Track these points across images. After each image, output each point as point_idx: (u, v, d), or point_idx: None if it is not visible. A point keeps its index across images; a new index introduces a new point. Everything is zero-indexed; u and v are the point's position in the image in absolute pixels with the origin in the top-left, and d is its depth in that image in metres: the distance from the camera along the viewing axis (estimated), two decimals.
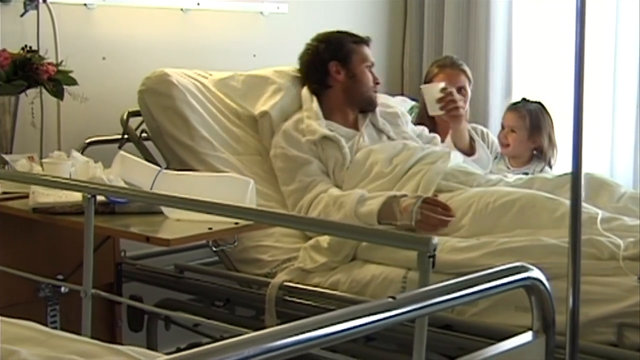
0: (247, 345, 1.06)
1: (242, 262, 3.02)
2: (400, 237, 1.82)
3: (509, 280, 1.32)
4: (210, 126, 3.26)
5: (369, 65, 3.38)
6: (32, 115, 3.15)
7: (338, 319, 1.19)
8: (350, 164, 3.14)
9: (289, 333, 1.10)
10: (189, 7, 3.84)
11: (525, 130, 3.74)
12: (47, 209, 2.47)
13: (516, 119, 3.77)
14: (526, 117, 3.76)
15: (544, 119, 3.80)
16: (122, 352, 1.73)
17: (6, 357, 1.68)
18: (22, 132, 3.21)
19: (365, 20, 4.56)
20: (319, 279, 2.84)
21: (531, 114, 3.78)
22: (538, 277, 1.39)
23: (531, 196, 2.80)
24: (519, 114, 3.78)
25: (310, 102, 3.31)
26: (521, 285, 1.35)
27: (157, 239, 2.23)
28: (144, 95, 3.27)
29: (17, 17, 3.31)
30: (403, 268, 2.69)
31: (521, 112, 3.78)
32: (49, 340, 1.82)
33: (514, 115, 3.80)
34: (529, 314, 2.43)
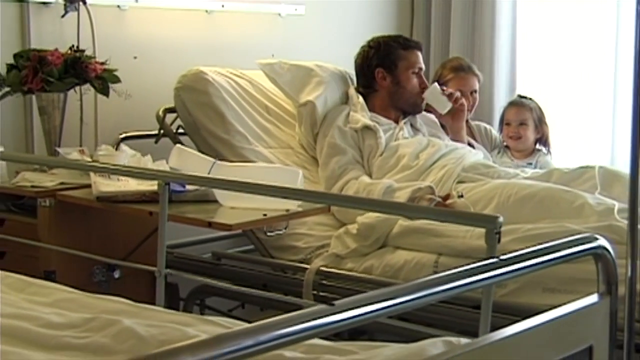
0: (316, 314, 1.11)
1: (277, 249, 3.21)
2: (470, 216, 2.02)
3: (580, 249, 1.51)
4: (243, 121, 3.46)
5: (415, 72, 3.58)
6: (81, 111, 3.31)
7: (416, 288, 1.27)
8: (384, 151, 3.34)
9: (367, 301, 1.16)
10: (213, 9, 4.02)
11: (533, 122, 3.94)
12: (110, 197, 2.65)
13: (524, 113, 3.95)
14: (532, 109, 3.96)
15: (543, 112, 4.01)
16: (212, 321, 1.92)
17: (110, 325, 1.87)
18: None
19: (374, 21, 4.75)
20: (352, 264, 3.03)
21: (535, 107, 3.98)
22: (605, 245, 1.57)
23: (550, 189, 3.01)
24: (526, 108, 3.97)
25: (356, 98, 3.56)
26: (590, 253, 1.53)
27: (218, 224, 2.42)
28: (180, 92, 3.45)
29: (57, 18, 3.48)
30: (434, 254, 2.89)
31: (527, 106, 3.98)
32: (141, 312, 2.00)
33: (521, 110, 3.98)
34: (556, 294, 2.65)
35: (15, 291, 2.20)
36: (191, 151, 2.82)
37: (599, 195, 2.98)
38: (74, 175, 2.97)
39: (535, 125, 3.95)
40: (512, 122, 3.97)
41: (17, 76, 3.03)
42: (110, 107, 3.52)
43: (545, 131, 3.97)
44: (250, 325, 1.04)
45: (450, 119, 3.73)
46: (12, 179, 2.99)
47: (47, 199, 2.81)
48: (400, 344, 1.67)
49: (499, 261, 1.36)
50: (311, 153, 3.57)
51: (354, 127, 3.45)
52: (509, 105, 4.06)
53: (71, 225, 2.86)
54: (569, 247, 1.50)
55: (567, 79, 4.52)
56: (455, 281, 1.27)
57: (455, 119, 3.73)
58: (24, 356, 1.74)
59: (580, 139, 4.47)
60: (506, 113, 4.03)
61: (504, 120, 4.01)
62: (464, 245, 2.81)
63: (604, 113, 4.37)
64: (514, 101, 4.08)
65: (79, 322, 1.91)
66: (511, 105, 4.05)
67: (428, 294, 1.22)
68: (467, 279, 1.28)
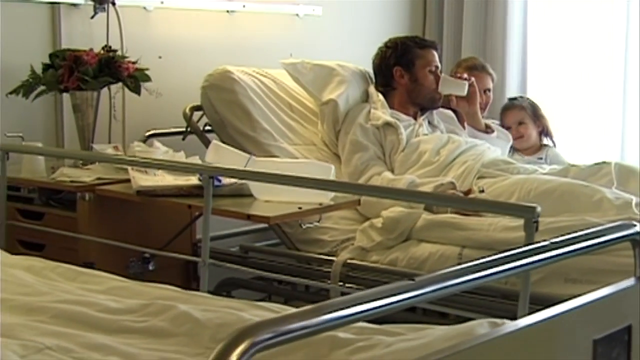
0: (401, 289, 1.21)
1: (304, 243, 3.31)
2: (509, 206, 2.13)
3: (618, 236, 1.61)
4: (269, 118, 3.57)
5: (432, 70, 3.70)
6: (113, 109, 3.42)
7: (467, 270, 1.37)
8: (405, 147, 3.46)
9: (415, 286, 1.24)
10: (234, 9, 4.13)
11: (530, 118, 4.05)
12: (149, 191, 2.75)
13: (519, 113, 4.08)
14: (525, 108, 4.08)
15: (536, 105, 4.12)
16: (262, 306, 2.02)
17: (166, 310, 1.98)
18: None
19: (388, 21, 4.86)
20: (377, 257, 3.14)
21: (527, 104, 4.09)
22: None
23: (569, 184, 3.12)
24: (519, 107, 4.10)
25: (376, 96, 3.68)
26: (629, 239, 1.64)
27: (257, 216, 2.52)
28: (207, 90, 3.56)
29: (86, 19, 3.59)
30: (457, 246, 3.00)
31: (520, 106, 4.10)
32: (191, 299, 2.11)
33: (515, 111, 4.10)
34: (577, 285, 2.76)
35: (67, 280, 2.31)
36: (227, 147, 2.93)
37: (615, 190, 3.09)
38: (109, 170, 3.08)
39: (533, 121, 4.07)
40: (511, 124, 4.06)
41: (53, 75, 3.13)
42: (135, 105, 3.62)
43: (544, 123, 4.09)
44: (344, 297, 1.14)
45: (467, 105, 3.83)
46: (48, 175, 3.09)
47: (86, 194, 2.91)
48: (446, 326, 1.77)
49: (549, 244, 1.46)
50: (333, 150, 3.68)
51: (375, 123, 3.56)
52: (503, 111, 4.16)
53: (109, 219, 2.97)
54: (609, 234, 1.60)
55: (578, 77, 4.64)
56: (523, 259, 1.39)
57: (470, 103, 3.83)
58: (90, 339, 1.85)
59: (590, 136, 4.58)
60: (503, 119, 4.13)
61: (503, 126, 4.08)
62: (488, 237, 2.92)
63: (614, 110, 4.48)
64: (506, 106, 4.18)
65: (136, 307, 2.02)
66: (505, 111, 4.15)
67: (501, 270, 1.35)
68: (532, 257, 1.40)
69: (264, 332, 1.00)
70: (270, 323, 1.03)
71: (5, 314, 2.02)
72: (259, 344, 0.99)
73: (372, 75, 3.87)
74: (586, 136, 4.59)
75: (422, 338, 1.68)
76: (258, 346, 0.99)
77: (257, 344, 0.98)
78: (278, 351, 1.63)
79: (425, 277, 1.23)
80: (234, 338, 0.97)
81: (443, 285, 1.23)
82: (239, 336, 0.98)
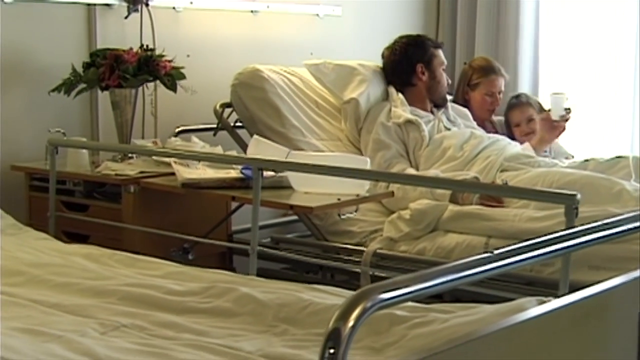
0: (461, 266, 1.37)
1: (333, 234, 3.45)
2: (551, 194, 2.28)
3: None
4: (297, 115, 3.71)
5: (444, 68, 3.85)
6: (152, 106, 3.56)
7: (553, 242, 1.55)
8: (429, 143, 3.60)
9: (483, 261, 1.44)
10: (258, 9, 4.27)
11: (537, 114, 4.15)
12: (194, 184, 2.89)
13: (527, 110, 4.13)
14: (532, 104, 4.18)
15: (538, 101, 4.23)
16: (317, 288, 2.16)
17: (228, 292, 2.12)
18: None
19: (403, 21, 5.00)
20: (405, 247, 3.28)
21: (533, 102, 4.20)
22: None
23: (589, 176, 3.26)
24: (527, 104, 4.16)
25: (396, 94, 3.81)
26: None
27: (300, 206, 2.66)
28: (237, 88, 3.70)
29: (120, 19, 3.73)
30: (484, 236, 3.14)
31: (527, 102, 4.17)
32: (249, 282, 2.25)
33: (524, 108, 4.15)
34: (600, 272, 2.90)
35: (125, 266, 2.44)
36: (268, 141, 3.07)
37: (634, 182, 3.24)
38: (149, 164, 3.22)
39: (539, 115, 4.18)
40: (521, 122, 4.12)
41: (95, 73, 3.27)
42: (164, 102, 3.75)
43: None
44: (440, 267, 1.30)
45: (547, 132, 3.94)
46: (92, 169, 3.23)
47: (131, 186, 3.05)
48: (494, 305, 1.91)
49: (591, 227, 1.61)
50: (357, 146, 3.81)
51: (397, 122, 3.70)
52: (511, 109, 4.20)
53: (151, 211, 3.11)
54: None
55: (589, 76, 4.77)
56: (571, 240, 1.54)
57: (550, 132, 3.93)
58: (160, 318, 1.99)
59: (601, 132, 4.72)
60: (511, 116, 4.17)
61: (510, 124, 4.16)
62: (513, 228, 3.07)
63: (624, 108, 4.62)
64: (513, 103, 4.22)
65: (198, 290, 2.16)
66: (513, 108, 4.19)
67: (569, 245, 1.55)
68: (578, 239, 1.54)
69: (381, 293, 1.14)
70: (386, 286, 1.18)
71: (75, 296, 2.16)
72: (378, 303, 1.13)
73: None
74: (597, 133, 4.73)
75: (475, 314, 1.82)
76: (377, 305, 1.12)
77: (376, 304, 1.12)
78: None
79: (504, 250, 1.38)
80: (356, 297, 1.11)
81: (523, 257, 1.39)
82: (359, 296, 1.12)
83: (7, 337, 1.80)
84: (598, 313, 1.67)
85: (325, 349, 1.08)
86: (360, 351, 1.79)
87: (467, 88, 4.14)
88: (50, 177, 3.04)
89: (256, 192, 2.56)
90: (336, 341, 1.08)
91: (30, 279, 2.30)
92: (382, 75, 3.96)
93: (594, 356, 1.58)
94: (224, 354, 1.75)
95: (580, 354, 1.56)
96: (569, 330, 1.59)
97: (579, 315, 1.61)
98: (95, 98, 3.68)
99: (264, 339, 1.87)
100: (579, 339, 1.57)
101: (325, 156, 3.06)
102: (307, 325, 1.93)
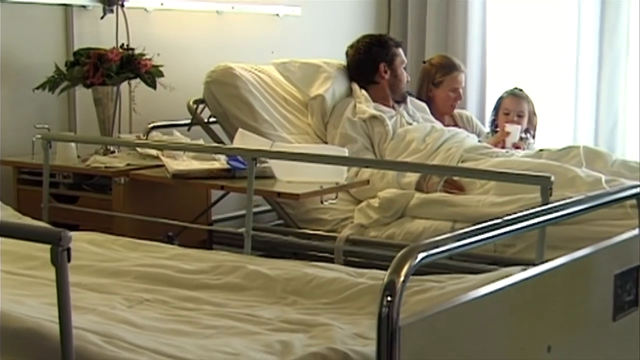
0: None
1: (306, 222, 3.67)
2: (528, 177, 2.53)
3: (626, 195, 2.01)
4: (268, 110, 3.92)
5: (404, 67, 4.09)
6: (134, 102, 3.72)
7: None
8: (393, 137, 3.83)
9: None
10: (223, 10, 4.45)
11: (528, 114, 4.39)
12: (184, 174, 3.08)
13: (522, 104, 4.37)
14: (528, 102, 4.43)
15: (533, 103, 4.48)
16: (317, 265, 2.38)
17: (236, 269, 2.31)
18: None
19: (357, 21, 5.23)
20: (375, 233, 3.51)
21: (530, 100, 4.44)
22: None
23: (545, 164, 3.52)
24: (524, 100, 4.40)
25: (359, 91, 4.03)
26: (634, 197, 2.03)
27: (287, 194, 2.87)
28: (210, 85, 3.89)
29: (95, 20, 3.89)
30: (449, 221, 3.39)
31: (525, 98, 4.41)
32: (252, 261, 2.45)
33: (520, 101, 4.39)
34: (558, 251, 3.14)
35: (129, 250, 2.62)
36: (251, 134, 3.27)
37: (585, 169, 3.51)
38: (134, 157, 3.40)
39: (529, 117, 4.41)
40: (511, 111, 4.35)
41: (80, 71, 3.43)
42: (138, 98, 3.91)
43: (535, 122, 4.44)
44: (486, 224, 1.52)
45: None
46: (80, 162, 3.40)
47: (121, 178, 3.22)
48: (480, 275, 2.15)
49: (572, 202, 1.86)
50: (324, 139, 4.03)
51: (362, 117, 3.92)
52: (508, 95, 4.42)
53: (140, 201, 3.28)
54: (618, 193, 2.00)
55: (533, 72, 5.05)
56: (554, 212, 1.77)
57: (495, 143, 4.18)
58: (179, 293, 2.18)
59: (545, 124, 5.00)
60: (505, 102, 4.40)
61: (500, 109, 4.40)
62: (477, 212, 3.32)
63: (566, 101, 4.91)
64: (513, 92, 4.44)
65: (208, 268, 2.35)
66: (510, 96, 4.41)
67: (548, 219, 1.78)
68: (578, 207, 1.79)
69: (424, 251, 1.36)
70: (428, 245, 1.39)
71: (92, 277, 2.34)
72: (423, 259, 1.34)
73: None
74: (542, 126, 5.00)
75: (468, 282, 2.06)
76: (422, 261, 1.34)
77: (427, 257, 1.34)
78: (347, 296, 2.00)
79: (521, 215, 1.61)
80: (404, 255, 1.33)
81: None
82: (407, 254, 1.34)
83: (44, 308, 1.97)
84: (586, 273, 1.90)
85: (384, 297, 1.30)
86: (365, 317, 2.01)
87: (432, 86, 4.37)
88: (45, 171, 3.19)
89: (250, 179, 2.76)
90: (392, 290, 1.30)
91: (45, 262, 2.44)
92: (345, 73, 4.17)
93: (578, 309, 1.81)
94: (246, 321, 1.96)
95: (566, 308, 1.79)
96: (556, 291, 1.82)
97: (567, 276, 1.84)
98: (74, 95, 3.82)
99: (277, 308, 2.08)
100: (564, 297, 1.80)
101: (308, 147, 3.27)
102: (314, 296, 2.14)
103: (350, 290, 2.13)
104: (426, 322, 1.39)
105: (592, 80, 4.83)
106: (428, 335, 1.39)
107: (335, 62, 4.22)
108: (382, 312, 1.29)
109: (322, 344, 1.76)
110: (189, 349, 1.70)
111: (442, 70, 4.41)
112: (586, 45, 4.83)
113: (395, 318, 1.31)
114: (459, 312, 1.48)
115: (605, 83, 4.81)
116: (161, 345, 1.72)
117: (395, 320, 1.31)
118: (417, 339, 1.36)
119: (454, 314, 1.46)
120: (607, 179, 3.38)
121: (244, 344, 1.77)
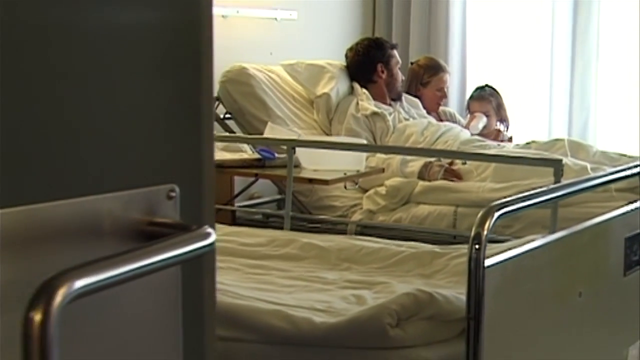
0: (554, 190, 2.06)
1: (318, 209, 4.02)
2: (541, 160, 2.90)
3: (628, 174, 2.39)
4: (279, 107, 4.27)
5: (399, 67, 4.46)
6: None
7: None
8: (394, 131, 4.20)
9: None
10: (228, 14, 4.78)
11: (493, 110, 4.80)
12: (220, 164, 3.40)
13: (485, 105, 4.79)
14: (491, 100, 4.83)
15: (500, 97, 4.88)
16: (360, 238, 2.72)
17: (291, 242, 2.65)
18: None
19: (346, 25, 5.59)
20: (383, 217, 3.87)
21: (493, 96, 4.84)
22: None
23: (537, 153, 3.90)
24: (486, 100, 4.82)
25: (360, 90, 4.41)
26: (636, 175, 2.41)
27: (318, 180, 3.22)
28: (225, 84, 4.23)
29: None
30: (452, 206, 3.76)
31: (487, 99, 4.83)
32: (301, 236, 2.79)
33: (482, 103, 4.80)
34: None
35: None
36: (280, 127, 3.61)
37: (571, 159, 3.90)
38: None
39: (495, 112, 4.81)
40: (477, 113, 4.73)
41: None
42: None
43: (504, 114, 4.85)
44: (527, 193, 1.88)
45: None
46: None
47: None
48: (506, 242, 2.52)
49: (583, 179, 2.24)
50: (329, 134, 4.38)
51: (365, 113, 4.28)
52: (472, 100, 4.85)
53: None
54: (623, 171, 2.38)
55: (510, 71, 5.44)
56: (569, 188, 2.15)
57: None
58: (246, 262, 2.51)
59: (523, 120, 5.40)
60: (471, 106, 4.83)
61: (470, 111, 4.82)
62: (478, 197, 3.69)
63: (542, 98, 5.31)
64: (476, 96, 4.86)
65: (265, 242, 2.69)
66: (473, 100, 4.84)
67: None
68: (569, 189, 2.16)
69: (507, 206, 1.72)
70: (510, 201, 1.75)
71: None
72: (505, 215, 1.71)
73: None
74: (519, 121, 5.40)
75: (495, 248, 2.41)
76: (499, 217, 1.71)
77: (504, 215, 1.71)
78: (395, 262, 2.35)
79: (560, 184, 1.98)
80: (485, 214, 1.69)
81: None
82: (487, 213, 1.70)
83: None
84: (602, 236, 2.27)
85: (472, 245, 1.65)
86: (414, 277, 2.37)
87: (420, 86, 4.75)
88: None
89: (290, 166, 3.11)
90: (479, 240, 1.66)
91: None
92: (346, 73, 4.54)
93: (600, 265, 2.19)
94: (315, 281, 2.30)
95: (591, 263, 2.16)
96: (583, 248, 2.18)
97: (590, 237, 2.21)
98: None
99: (336, 272, 2.43)
100: (589, 255, 2.18)
101: (336, 138, 3.65)
102: (365, 262, 2.50)
103: (396, 257, 2.49)
104: (503, 266, 1.75)
105: (566, 79, 5.24)
106: (504, 275, 1.75)
107: (337, 63, 4.57)
108: (472, 257, 1.65)
109: (388, 296, 2.11)
110: (283, 298, 2.04)
111: (429, 71, 4.79)
112: (560, 47, 5.24)
113: (482, 261, 1.66)
114: (521, 260, 1.84)
115: (577, 81, 5.22)
116: (260, 294, 2.05)
117: (482, 263, 1.66)
118: (497, 277, 1.72)
119: (520, 260, 1.83)
120: (592, 167, 3.78)
121: (323, 298, 2.11)
